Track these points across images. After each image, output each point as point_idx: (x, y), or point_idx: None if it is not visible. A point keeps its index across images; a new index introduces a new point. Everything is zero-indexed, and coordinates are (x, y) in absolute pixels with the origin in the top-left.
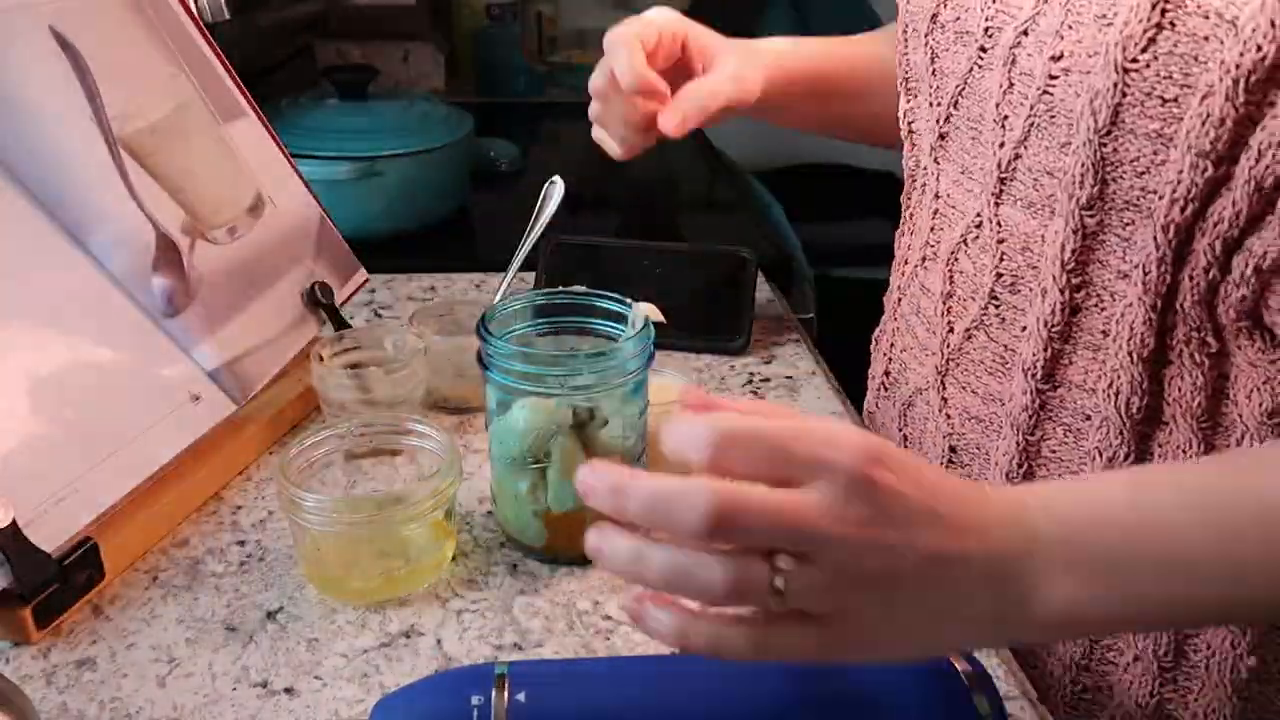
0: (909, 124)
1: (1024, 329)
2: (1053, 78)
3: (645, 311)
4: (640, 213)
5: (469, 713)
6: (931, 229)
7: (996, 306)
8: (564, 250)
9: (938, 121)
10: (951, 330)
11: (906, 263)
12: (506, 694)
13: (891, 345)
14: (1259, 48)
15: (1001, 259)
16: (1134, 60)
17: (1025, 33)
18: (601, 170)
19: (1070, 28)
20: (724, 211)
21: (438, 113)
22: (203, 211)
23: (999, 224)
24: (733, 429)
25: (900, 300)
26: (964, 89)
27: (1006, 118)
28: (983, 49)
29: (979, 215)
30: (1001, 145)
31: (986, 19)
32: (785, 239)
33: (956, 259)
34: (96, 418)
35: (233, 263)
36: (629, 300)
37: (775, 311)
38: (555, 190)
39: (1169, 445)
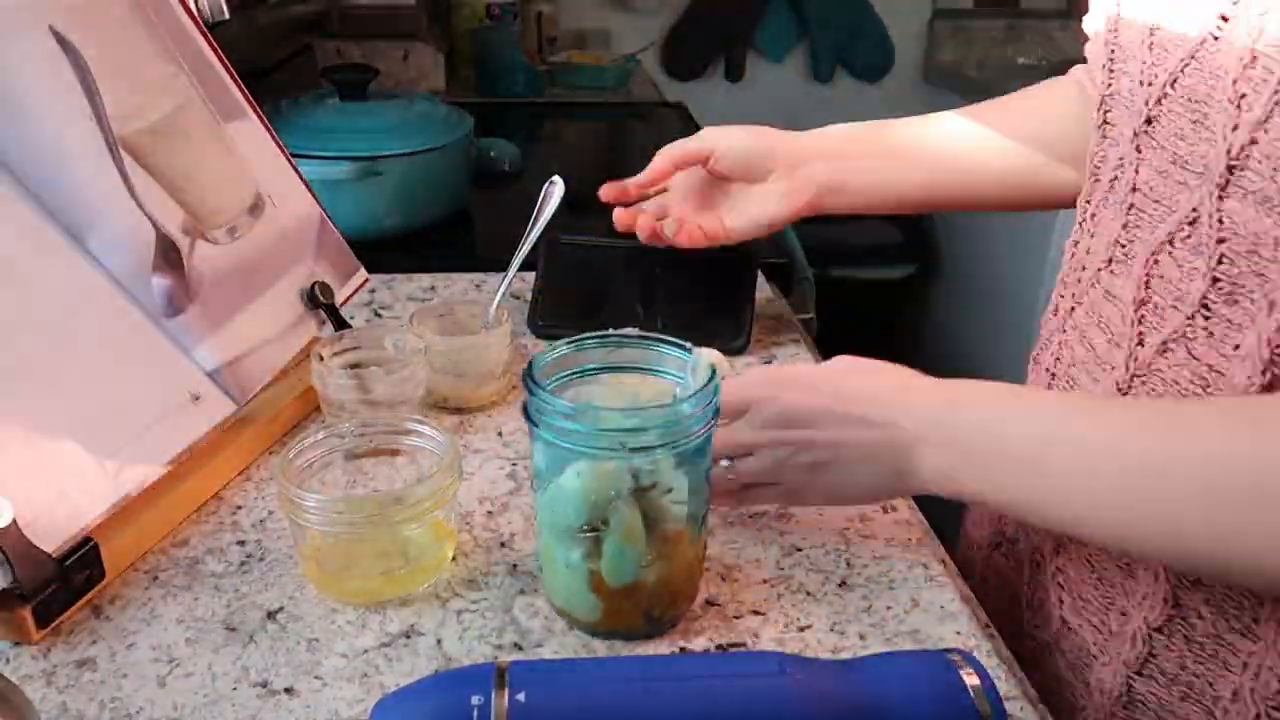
0: (1104, 112)
1: (1237, 348)
2: None
3: (709, 359)
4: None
5: (469, 713)
6: (1124, 226)
7: (1206, 318)
8: (564, 250)
9: (1146, 103)
10: (1141, 343)
11: (1084, 268)
12: (506, 694)
13: (1057, 360)
14: None
15: (1219, 262)
16: None
17: None
18: (601, 170)
19: None
20: None
21: (438, 113)
22: (203, 211)
23: (1221, 221)
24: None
25: (1074, 309)
26: (1190, 63)
27: (1244, 96)
28: (1224, 18)
29: (1195, 210)
30: (1234, 128)
31: None
32: (785, 239)
33: (1158, 260)
34: (96, 418)
35: (233, 263)
36: (689, 346)
37: (775, 311)
38: (555, 190)
39: None
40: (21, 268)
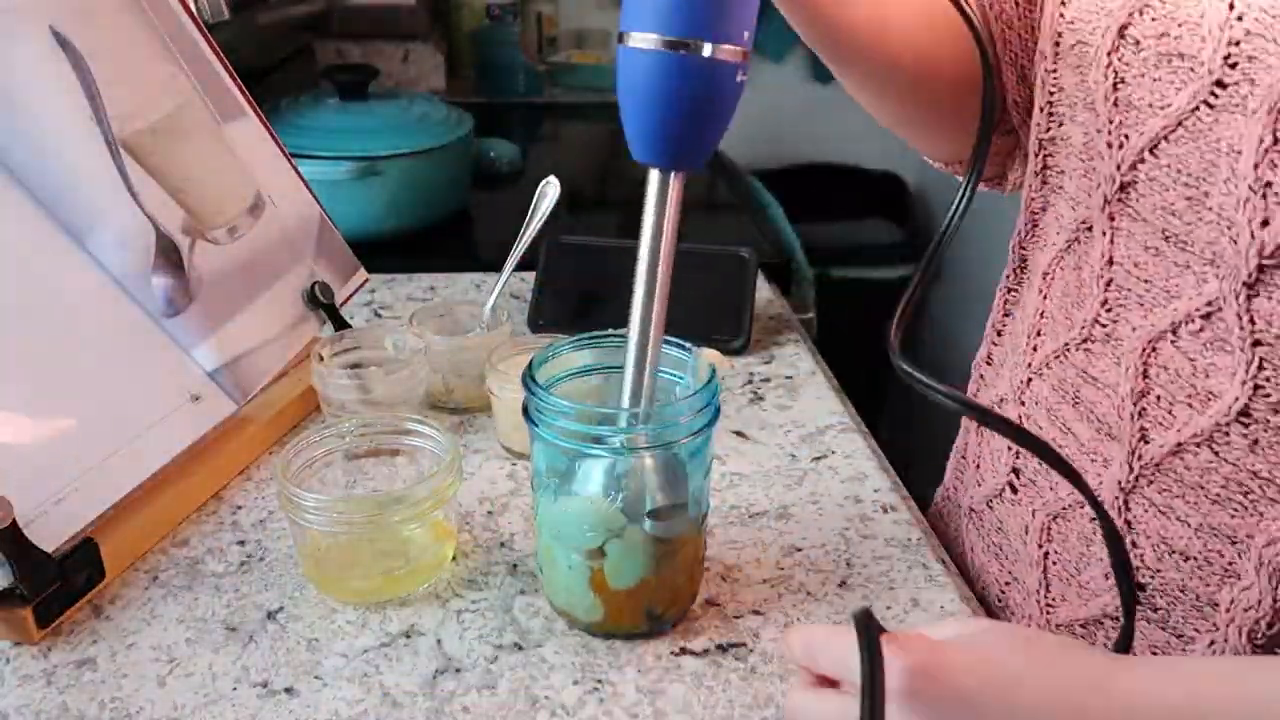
0: (1044, 156)
1: None
2: None
3: (709, 359)
4: (640, 213)
5: None
6: (1104, 305)
7: (1246, 424)
8: (564, 250)
9: (1119, 167)
10: (1145, 439)
11: (1039, 334)
12: None
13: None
14: None
15: (1260, 368)
16: None
17: None
18: (601, 170)
19: None
20: (724, 211)
21: (438, 113)
22: (203, 211)
23: (1253, 321)
24: (821, 641)
25: (1030, 380)
26: (1177, 131)
27: (1270, 185)
28: (1219, 84)
29: (1211, 304)
30: (1265, 223)
31: (1228, 47)
32: (785, 239)
33: (1156, 349)
34: (96, 418)
35: (233, 263)
36: (689, 346)
37: (775, 311)
38: (550, 191)
39: None
40: (22, 268)
